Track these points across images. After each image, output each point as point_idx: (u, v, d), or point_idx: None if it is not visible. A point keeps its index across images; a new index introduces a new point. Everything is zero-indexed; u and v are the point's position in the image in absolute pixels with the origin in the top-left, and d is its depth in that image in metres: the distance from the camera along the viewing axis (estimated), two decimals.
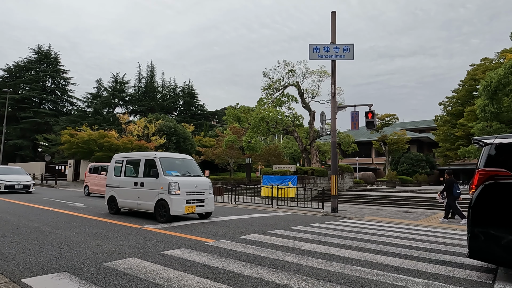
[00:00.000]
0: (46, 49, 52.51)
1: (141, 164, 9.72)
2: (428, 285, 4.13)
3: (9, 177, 18.74)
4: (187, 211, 8.94)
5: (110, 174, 10.85)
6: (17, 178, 18.87)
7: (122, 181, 10.26)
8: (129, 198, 9.86)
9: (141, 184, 9.54)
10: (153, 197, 9.04)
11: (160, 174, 9.00)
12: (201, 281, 4.02)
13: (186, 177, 9.41)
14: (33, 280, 3.89)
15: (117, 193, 10.32)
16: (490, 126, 27.12)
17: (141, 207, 9.50)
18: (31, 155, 48.11)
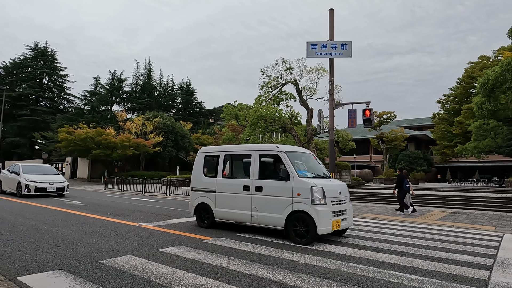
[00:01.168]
0: (43, 47, 52.23)
1: (253, 161, 7.18)
2: (424, 282, 4.15)
3: (39, 177, 15.30)
4: (334, 228, 6.38)
5: (197, 173, 8.28)
6: (49, 178, 15.57)
7: (221, 183, 7.65)
8: (236, 207, 7.26)
9: (257, 189, 6.93)
10: (282, 207, 6.51)
11: (292, 175, 6.50)
12: (197, 278, 4.02)
13: (322, 180, 6.87)
14: (29, 278, 3.88)
15: (212, 200, 7.71)
16: (487, 124, 27.23)
17: (260, 221, 6.91)
18: (28, 153, 47.93)
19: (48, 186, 15.18)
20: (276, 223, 6.65)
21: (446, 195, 17.36)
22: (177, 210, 11.63)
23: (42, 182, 15.08)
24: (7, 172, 16.57)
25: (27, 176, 15.05)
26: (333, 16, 13.76)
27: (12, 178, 15.60)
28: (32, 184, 14.71)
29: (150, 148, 32.84)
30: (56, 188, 15.45)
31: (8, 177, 16.11)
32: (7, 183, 16.23)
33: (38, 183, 14.93)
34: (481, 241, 7.23)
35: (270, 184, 6.82)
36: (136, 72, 55.66)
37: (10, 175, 15.96)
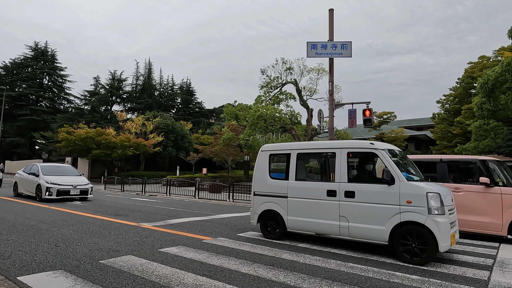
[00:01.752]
0: (43, 46, 52.23)
1: (339, 160, 6.06)
2: (424, 282, 4.15)
3: (61, 178, 13.54)
4: (452, 243, 5.25)
5: (260, 175, 7.09)
6: (71, 180, 13.77)
7: (294, 187, 6.51)
8: (317, 216, 6.10)
9: (347, 194, 5.80)
10: (386, 218, 5.39)
11: (397, 177, 5.42)
12: (197, 278, 4.02)
13: (431, 184, 5.83)
14: (29, 278, 3.88)
15: (283, 206, 6.56)
16: (487, 124, 27.23)
17: (352, 233, 5.70)
18: (28, 153, 47.94)
19: (71, 189, 13.41)
20: (376, 237, 5.45)
21: None
22: (177, 210, 11.63)
23: (64, 184, 13.29)
24: (23, 173, 14.83)
25: (48, 177, 13.24)
26: (333, 16, 13.76)
27: (30, 180, 13.90)
28: (53, 187, 12.97)
29: (150, 148, 32.84)
30: (80, 191, 13.67)
31: (25, 178, 14.41)
32: (24, 185, 14.48)
33: (61, 185, 13.15)
34: (481, 241, 7.23)
35: (365, 189, 5.66)
36: (136, 72, 55.66)
37: (28, 176, 14.27)
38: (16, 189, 15.08)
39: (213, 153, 32.39)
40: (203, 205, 13.81)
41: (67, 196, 13.35)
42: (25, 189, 14.33)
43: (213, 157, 33.22)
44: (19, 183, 14.93)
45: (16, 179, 15.26)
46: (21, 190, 14.67)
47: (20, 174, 15.08)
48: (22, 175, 14.80)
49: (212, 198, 17.31)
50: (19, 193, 14.83)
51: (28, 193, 14.01)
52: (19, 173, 15.26)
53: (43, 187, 12.94)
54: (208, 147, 33.84)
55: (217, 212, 11.31)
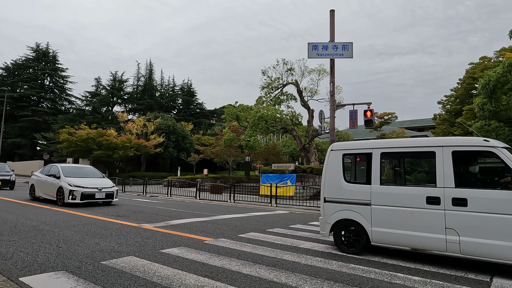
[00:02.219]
0: (44, 47, 52.41)
1: (441, 161, 5.09)
2: (426, 283, 4.15)
3: (84, 181, 12.42)
4: None
5: (333, 178, 6.13)
6: (95, 183, 12.68)
7: (380, 193, 5.53)
8: (413, 228, 5.15)
9: (456, 202, 4.84)
10: None
11: None
12: (199, 279, 4.02)
13: None
14: (31, 279, 3.88)
15: (365, 216, 5.60)
16: (489, 125, 27.19)
17: (465, 249, 4.73)
18: (29, 154, 48.06)
19: (97, 192, 12.25)
20: (501, 255, 4.46)
21: None
22: (178, 211, 11.63)
23: (89, 187, 12.16)
24: (41, 175, 13.73)
25: (70, 179, 12.10)
26: (334, 17, 13.77)
27: (50, 183, 12.74)
28: (77, 190, 11.78)
29: (151, 149, 32.88)
30: (105, 195, 12.51)
31: (44, 181, 13.27)
32: (42, 188, 13.26)
33: (85, 188, 12.00)
34: None
35: (483, 195, 4.67)
36: (137, 73, 55.80)
37: (47, 178, 13.12)
38: (33, 192, 13.83)
39: (214, 154, 32.41)
40: (204, 206, 13.81)
41: (92, 200, 12.13)
42: (44, 192, 13.06)
43: (214, 158, 33.24)
44: (36, 186, 13.66)
45: (33, 182, 13.99)
46: (39, 193, 13.38)
47: (38, 176, 13.92)
48: (40, 177, 13.66)
49: (213, 199, 17.31)
50: (36, 196, 13.60)
51: (48, 196, 12.77)
52: (37, 175, 14.09)
53: (66, 190, 11.78)
54: (209, 148, 33.86)
55: (218, 213, 11.31)
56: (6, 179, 20.33)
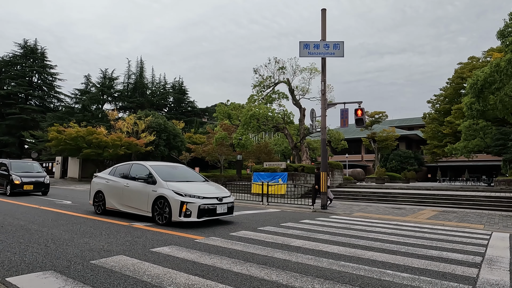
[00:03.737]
0: (32, 44, 51.45)
1: None
2: (414, 280, 4.21)
3: (192, 187, 8.41)
4: None
5: None
6: (209, 190, 8.60)
7: None
8: None
9: None
10: None
11: None
12: (189, 278, 4.01)
13: None
14: (18, 279, 3.82)
15: None
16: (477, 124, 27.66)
17: None
18: (17, 152, 47.21)
19: (218, 205, 8.21)
20: None
21: (436, 194, 17.58)
22: None
23: (207, 197, 8.13)
24: (115, 178, 9.52)
25: (176, 185, 8.11)
26: (325, 16, 13.82)
27: (136, 190, 8.68)
28: (193, 203, 7.78)
29: (142, 148, 32.62)
30: (227, 208, 8.54)
31: (122, 186, 9.08)
32: (120, 197, 9.14)
33: (203, 199, 7.99)
34: (470, 239, 7.35)
35: None
36: (128, 71, 55.17)
37: (128, 182, 9.00)
38: (101, 203, 9.70)
39: (206, 153, 32.30)
40: None
41: (212, 216, 8.11)
42: (124, 203, 8.99)
43: (205, 157, 33.13)
44: (107, 193, 9.55)
45: (100, 187, 9.83)
46: (113, 204, 9.30)
47: (107, 178, 9.76)
48: (115, 180, 9.46)
49: None
50: (107, 208, 9.49)
51: (132, 210, 8.76)
52: (105, 177, 9.91)
53: (173, 202, 7.75)
54: (200, 146, 33.74)
55: None
56: (39, 182, 16.14)
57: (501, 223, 10.10)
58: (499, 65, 17.14)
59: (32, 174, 16.33)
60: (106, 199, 9.53)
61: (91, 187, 10.25)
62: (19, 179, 15.49)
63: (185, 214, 7.75)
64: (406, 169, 43.93)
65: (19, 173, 15.82)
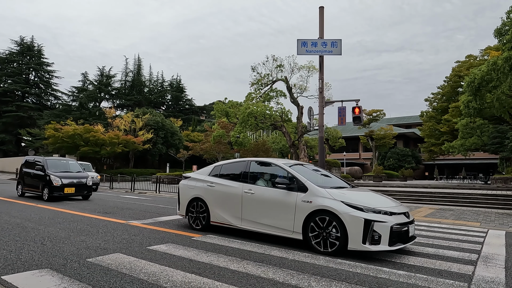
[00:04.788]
0: (29, 41, 51.19)
1: None
2: (410, 277, 4.22)
3: (359, 196, 5.74)
4: None
5: None
6: (381, 201, 5.86)
7: None
8: None
9: None
10: None
11: None
12: (186, 275, 4.01)
13: None
14: (14, 277, 3.81)
15: None
16: (474, 122, 27.74)
17: None
18: (14, 150, 47.04)
19: (409, 225, 5.62)
20: None
21: (433, 192, 17.65)
22: (167, 207, 11.56)
23: (394, 212, 5.53)
24: (228, 182, 6.89)
25: (341, 194, 5.63)
26: (323, 14, 13.79)
27: (272, 200, 6.09)
28: (384, 223, 5.18)
29: (139, 145, 32.57)
30: (413, 228, 5.92)
31: (242, 194, 6.51)
32: (238, 208, 6.56)
33: (391, 215, 5.41)
34: (466, 236, 7.38)
35: None
36: (125, 68, 55.01)
37: (252, 189, 6.42)
38: (200, 215, 7.12)
39: (204, 150, 32.28)
40: None
41: (405, 243, 5.50)
42: (245, 217, 6.42)
43: (203, 155, 33.11)
44: (212, 202, 6.96)
45: (199, 193, 7.20)
46: (224, 217, 6.72)
47: (212, 182, 7.09)
48: (225, 185, 6.85)
49: None
50: (212, 223, 6.95)
51: (258, 227, 6.21)
52: (207, 180, 7.21)
53: (351, 220, 5.18)
54: (198, 144, 33.71)
55: None
56: (82, 184, 13.39)
57: (497, 221, 10.15)
58: (496, 63, 17.18)
59: (72, 174, 13.53)
60: (211, 210, 6.90)
61: (181, 192, 7.67)
62: (58, 181, 12.63)
63: (372, 239, 5.07)
64: (404, 167, 44.08)
65: (58, 173, 13.00)
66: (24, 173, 14.17)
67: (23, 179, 14.16)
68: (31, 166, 13.85)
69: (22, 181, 14.25)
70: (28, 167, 14.02)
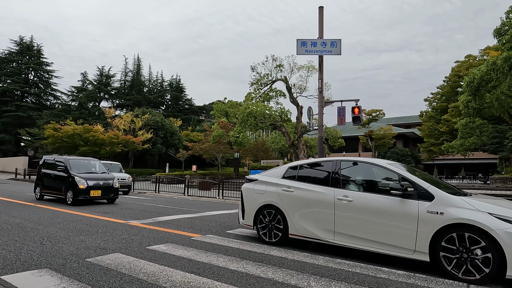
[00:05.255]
0: (28, 41, 51.14)
1: None
2: (410, 277, 4.22)
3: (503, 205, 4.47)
4: None
5: None
6: None
7: None
8: None
9: None
10: None
11: None
12: (185, 275, 4.01)
13: None
14: (13, 277, 3.81)
15: None
16: (473, 122, 27.77)
17: None
18: (13, 150, 46.99)
19: None
20: None
21: None
22: (166, 207, 11.56)
23: None
24: (313, 186, 5.62)
25: (481, 203, 4.32)
26: (323, 14, 13.80)
27: (384, 211, 4.81)
28: None
29: (139, 145, 32.56)
30: None
31: (334, 202, 5.25)
32: (330, 219, 5.29)
33: None
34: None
35: None
36: (124, 68, 54.98)
37: (349, 195, 5.15)
38: (274, 226, 5.97)
39: (203, 150, 32.27)
40: (192, 203, 13.76)
41: None
42: (341, 231, 5.22)
43: (203, 154, 33.10)
44: (293, 211, 5.75)
45: (272, 200, 6.02)
46: (311, 230, 5.50)
47: (289, 186, 5.89)
48: (310, 189, 5.62)
49: (201, 196, 17.26)
50: (291, 235, 5.74)
51: (363, 244, 5.03)
52: (282, 183, 6.01)
53: None
54: (198, 144, 33.69)
55: (207, 209, 11.28)
56: (108, 186, 12.17)
57: None
58: (495, 63, 17.20)
59: (98, 176, 12.32)
60: (290, 220, 5.70)
61: (247, 198, 6.41)
62: (84, 183, 11.42)
63: None
64: None
65: (82, 174, 11.80)
66: (43, 174, 12.82)
67: (42, 180, 12.80)
68: (51, 167, 12.63)
69: (41, 183, 12.87)
70: (48, 168, 12.76)
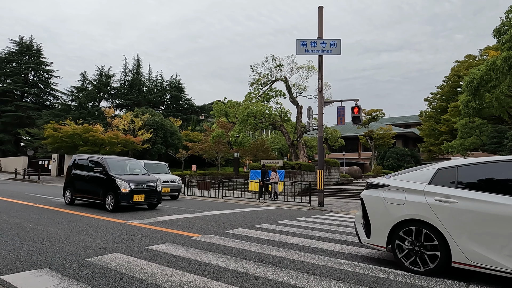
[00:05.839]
0: (28, 41, 51.09)
1: None
2: (409, 277, 4.23)
3: None
4: None
5: None
6: None
7: None
8: None
9: None
10: None
11: None
12: (185, 275, 4.01)
13: None
14: (13, 277, 3.80)
15: None
16: (473, 122, 27.78)
17: None
18: (13, 150, 46.96)
19: None
20: None
21: None
22: (166, 207, 11.56)
23: None
24: (491, 197, 3.94)
25: None
26: (322, 14, 13.80)
27: None
28: None
29: (138, 145, 32.54)
30: None
31: None
32: None
33: None
34: None
35: None
36: (124, 68, 54.90)
37: None
38: (432, 246, 4.25)
39: (203, 150, 32.26)
40: (192, 202, 13.76)
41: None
42: None
43: (202, 154, 33.09)
44: (459, 228, 4.06)
45: (425, 212, 4.32)
46: (489, 257, 3.81)
47: (453, 196, 4.17)
48: (493, 202, 3.89)
49: (201, 195, 17.26)
50: (455, 262, 4.08)
51: None
52: (445, 193, 4.25)
53: None
54: (197, 144, 33.68)
55: (206, 209, 11.28)
56: (152, 190, 10.78)
57: None
58: (495, 63, 17.20)
59: (139, 178, 10.86)
60: (456, 243, 4.08)
61: (374, 209, 4.88)
62: (127, 186, 10.02)
63: None
64: (403, 166, 44.06)
65: (124, 176, 10.48)
66: (75, 176, 11.48)
67: (73, 183, 11.45)
68: (84, 168, 11.31)
69: (71, 186, 11.49)
70: (80, 169, 11.43)
